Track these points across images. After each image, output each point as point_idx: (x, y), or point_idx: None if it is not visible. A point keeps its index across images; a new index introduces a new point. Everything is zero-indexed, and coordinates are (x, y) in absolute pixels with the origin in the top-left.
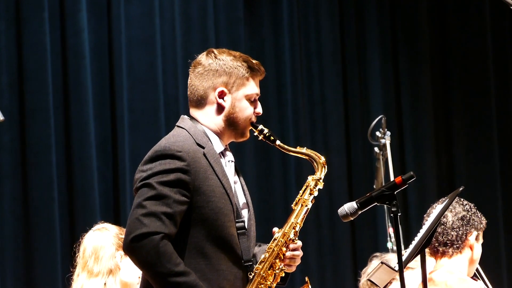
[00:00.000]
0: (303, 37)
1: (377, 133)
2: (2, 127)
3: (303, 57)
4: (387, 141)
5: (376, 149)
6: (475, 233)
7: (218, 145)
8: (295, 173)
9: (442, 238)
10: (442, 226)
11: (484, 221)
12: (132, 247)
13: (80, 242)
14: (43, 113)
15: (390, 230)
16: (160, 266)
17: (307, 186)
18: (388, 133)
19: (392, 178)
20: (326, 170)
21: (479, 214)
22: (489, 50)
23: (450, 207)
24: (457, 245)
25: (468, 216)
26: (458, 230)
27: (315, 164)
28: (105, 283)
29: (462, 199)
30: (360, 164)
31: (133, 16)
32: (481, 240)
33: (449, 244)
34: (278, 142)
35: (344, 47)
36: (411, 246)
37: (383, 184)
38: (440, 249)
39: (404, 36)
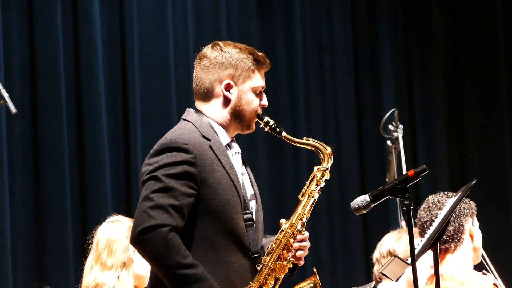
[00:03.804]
0: (315, 30)
1: (390, 126)
2: (14, 120)
3: (315, 50)
4: (399, 134)
5: (388, 142)
6: (470, 219)
7: (224, 137)
8: (306, 166)
9: None
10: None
11: (473, 204)
12: (140, 240)
13: (94, 234)
14: (55, 105)
15: (403, 223)
16: (168, 258)
17: (313, 177)
18: (401, 126)
19: (404, 171)
20: (332, 161)
21: (466, 201)
22: (501, 43)
23: (439, 204)
24: (457, 238)
25: (458, 206)
26: (453, 223)
27: (321, 155)
28: (118, 277)
29: (445, 192)
30: (372, 157)
31: (145, 9)
32: (477, 223)
33: (450, 240)
34: (284, 133)
35: (356, 40)
36: (424, 240)
37: (396, 177)
38: (442, 247)
39: (416, 29)
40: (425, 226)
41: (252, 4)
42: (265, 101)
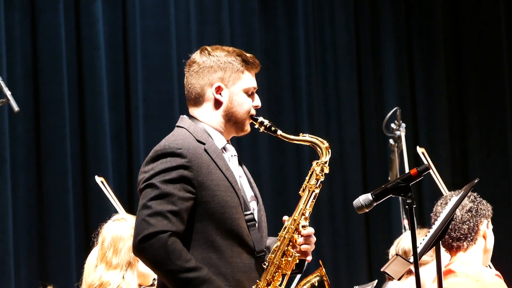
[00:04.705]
0: (317, 29)
1: (392, 125)
2: (17, 118)
3: (317, 49)
4: (402, 133)
5: (391, 141)
6: (485, 221)
7: (219, 141)
8: (309, 164)
9: (455, 233)
10: (453, 222)
11: (490, 207)
12: (141, 248)
13: (99, 231)
14: (58, 104)
15: (405, 222)
16: (170, 264)
17: (312, 172)
18: (403, 125)
19: (406, 170)
20: (330, 154)
21: (484, 202)
22: (503, 42)
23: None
24: (471, 237)
25: (475, 206)
26: (469, 222)
27: (318, 149)
28: (123, 276)
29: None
30: (374, 155)
31: (148, 7)
32: (491, 226)
33: (463, 238)
34: (279, 132)
35: (358, 39)
36: (426, 238)
37: (398, 176)
38: (455, 244)
39: (418, 27)
40: None
41: (254, 2)
42: (257, 102)
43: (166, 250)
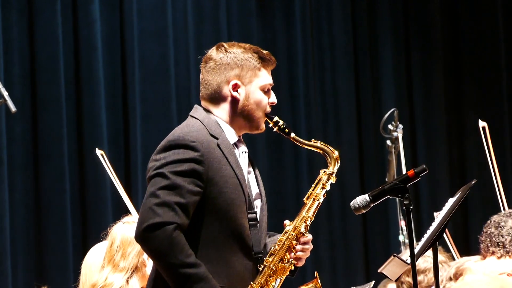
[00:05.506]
0: (315, 29)
1: (390, 126)
2: (14, 119)
3: (315, 49)
4: (399, 134)
5: (388, 142)
6: None
7: (231, 136)
8: (307, 164)
9: (495, 239)
10: (499, 228)
11: None
12: (145, 237)
13: (108, 231)
14: (55, 104)
15: (402, 223)
16: (172, 257)
17: (319, 180)
18: (401, 126)
19: (404, 171)
20: (339, 165)
21: None
22: (501, 42)
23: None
24: (507, 250)
25: None
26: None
27: (328, 158)
28: (127, 281)
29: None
30: (372, 157)
31: (146, 8)
32: None
33: (501, 246)
34: (292, 134)
35: (356, 40)
36: (423, 239)
37: (395, 177)
38: (491, 249)
39: (416, 28)
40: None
41: (252, 3)
42: (273, 99)
43: (171, 242)
